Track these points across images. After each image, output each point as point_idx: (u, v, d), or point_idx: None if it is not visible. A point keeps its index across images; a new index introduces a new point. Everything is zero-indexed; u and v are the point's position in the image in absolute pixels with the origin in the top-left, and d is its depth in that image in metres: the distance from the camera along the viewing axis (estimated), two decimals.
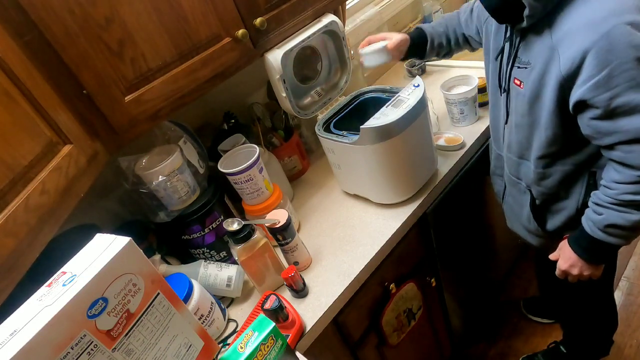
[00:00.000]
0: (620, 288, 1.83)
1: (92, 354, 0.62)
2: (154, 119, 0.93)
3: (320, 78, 1.37)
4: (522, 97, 0.92)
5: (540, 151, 0.96)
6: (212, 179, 1.19)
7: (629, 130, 0.77)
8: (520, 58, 0.91)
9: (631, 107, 0.75)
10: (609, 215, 0.87)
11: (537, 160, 0.98)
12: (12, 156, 0.64)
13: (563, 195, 1.01)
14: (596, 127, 0.81)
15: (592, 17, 0.75)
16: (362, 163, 1.14)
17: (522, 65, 0.90)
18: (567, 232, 1.03)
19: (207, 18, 0.93)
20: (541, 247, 1.14)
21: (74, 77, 0.79)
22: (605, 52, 0.73)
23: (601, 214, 0.88)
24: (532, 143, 0.97)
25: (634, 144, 0.78)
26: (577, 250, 0.97)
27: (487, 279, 1.77)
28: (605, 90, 0.75)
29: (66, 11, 0.75)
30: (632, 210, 0.84)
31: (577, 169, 0.95)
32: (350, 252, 1.12)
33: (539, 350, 1.68)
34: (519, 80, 0.92)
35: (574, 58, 0.76)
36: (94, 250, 0.66)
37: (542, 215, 1.08)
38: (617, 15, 0.73)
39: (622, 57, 0.72)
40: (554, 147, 0.93)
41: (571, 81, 0.79)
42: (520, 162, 1.04)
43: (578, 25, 0.77)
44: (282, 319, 0.93)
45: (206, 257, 1.17)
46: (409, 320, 1.30)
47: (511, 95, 0.98)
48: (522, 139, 0.99)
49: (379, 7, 1.78)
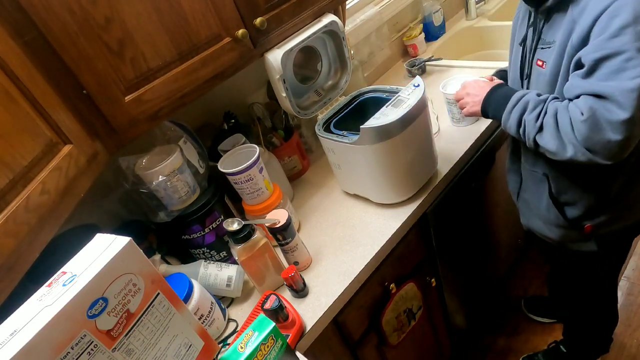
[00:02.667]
0: (620, 288, 1.83)
1: (92, 354, 0.62)
2: (154, 119, 0.93)
3: (320, 78, 1.37)
4: (543, 77, 0.93)
5: None
6: (212, 179, 1.19)
7: (592, 87, 0.78)
8: (544, 39, 0.93)
9: (607, 73, 0.76)
10: (533, 109, 0.89)
11: None
12: (12, 156, 0.64)
13: (579, 186, 1.01)
14: (572, 82, 0.83)
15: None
16: (362, 163, 1.14)
17: (546, 46, 0.92)
18: (588, 222, 1.03)
19: (207, 18, 0.93)
20: (562, 239, 1.13)
21: (74, 77, 0.79)
22: (613, 11, 0.74)
23: (532, 102, 0.90)
24: None
25: (590, 96, 0.79)
26: (489, 94, 1.03)
27: (487, 279, 1.77)
28: (597, 50, 0.77)
29: (66, 11, 0.75)
30: (540, 130, 0.88)
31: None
32: (350, 252, 1.12)
33: (539, 350, 1.68)
34: (541, 61, 0.94)
35: (587, 21, 0.78)
36: (94, 250, 0.66)
37: (560, 204, 1.07)
38: None
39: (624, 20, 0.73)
40: None
41: (582, 45, 0.81)
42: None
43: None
44: (282, 319, 0.93)
45: (206, 257, 1.17)
46: (409, 320, 1.30)
47: (532, 79, 0.99)
48: None
49: (379, 7, 1.79)
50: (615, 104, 0.75)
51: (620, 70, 0.75)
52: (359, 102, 1.28)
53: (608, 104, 0.76)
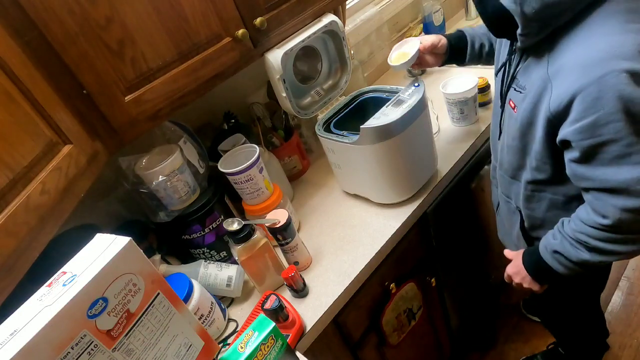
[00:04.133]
0: (620, 288, 1.83)
1: (93, 354, 0.62)
2: (154, 119, 0.93)
3: (320, 78, 1.37)
4: (514, 121, 0.88)
5: (530, 176, 0.93)
6: (212, 179, 1.19)
7: (603, 180, 0.75)
8: (518, 80, 0.86)
9: (610, 158, 0.72)
10: (562, 245, 0.87)
11: (527, 184, 0.95)
12: (12, 156, 0.64)
13: (549, 223, 0.96)
14: (574, 169, 0.79)
15: (588, 58, 0.70)
16: (362, 163, 1.14)
17: (519, 89, 0.85)
18: None
19: (207, 18, 0.93)
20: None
21: (74, 77, 0.79)
22: (594, 100, 0.68)
23: (555, 239, 0.89)
24: (523, 166, 0.94)
25: (605, 193, 0.76)
26: (525, 261, 0.99)
27: (487, 279, 1.77)
28: (588, 137, 0.72)
29: (66, 11, 0.75)
30: (583, 250, 0.84)
31: (568, 201, 0.92)
32: (350, 252, 1.12)
33: (539, 352, 1.68)
34: (513, 104, 0.88)
35: (562, 97, 0.72)
36: (94, 250, 0.66)
37: (531, 237, 1.06)
38: (614, 60, 0.67)
39: (609, 108, 0.68)
40: (543, 174, 0.90)
41: (559, 119, 0.75)
42: (511, 182, 1.01)
43: (573, 63, 0.72)
44: (282, 319, 0.93)
45: (206, 257, 1.17)
46: (409, 320, 1.30)
47: (505, 115, 0.95)
48: (513, 161, 0.95)
49: (379, 7, 1.79)
50: (631, 195, 0.73)
51: (624, 156, 0.71)
52: (359, 102, 1.28)
53: (623, 199, 0.74)
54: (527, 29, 0.74)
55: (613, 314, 1.73)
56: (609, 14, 0.71)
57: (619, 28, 0.70)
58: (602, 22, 0.71)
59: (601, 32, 0.71)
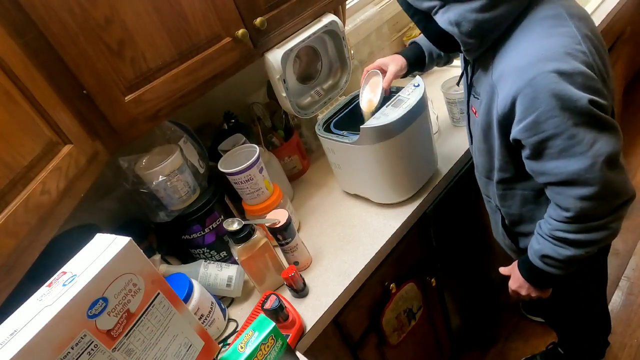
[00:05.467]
0: (620, 288, 1.83)
1: (93, 353, 0.62)
2: (154, 119, 0.93)
3: (320, 78, 1.37)
4: (477, 125, 0.93)
5: (497, 176, 0.97)
6: (212, 179, 1.19)
7: (556, 173, 0.79)
8: (475, 87, 0.92)
9: (557, 151, 0.76)
10: (545, 247, 0.89)
11: (497, 183, 0.99)
12: (12, 156, 0.64)
13: (528, 219, 1.01)
14: (529, 166, 0.84)
15: (521, 62, 0.76)
16: (362, 163, 1.14)
17: (476, 95, 0.91)
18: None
19: (207, 18, 0.93)
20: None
21: (74, 77, 0.79)
22: (531, 100, 0.74)
23: (539, 244, 0.91)
24: (492, 167, 0.98)
25: (562, 186, 0.80)
26: (523, 273, 1.01)
27: (487, 279, 1.77)
28: (533, 134, 0.76)
29: (66, 11, 0.75)
30: (564, 246, 0.86)
31: (537, 194, 0.95)
32: (350, 251, 1.12)
33: (538, 352, 1.68)
34: (474, 109, 0.93)
35: (506, 100, 0.78)
36: (94, 250, 0.66)
37: (513, 234, 1.09)
38: (542, 62, 0.73)
39: (545, 105, 0.73)
40: (509, 173, 0.94)
41: (507, 120, 0.80)
42: (487, 182, 1.05)
43: (510, 68, 0.78)
44: (282, 319, 0.93)
45: (206, 257, 1.17)
46: (409, 320, 1.30)
47: (471, 121, 1.00)
48: (484, 162, 1.00)
49: (379, 7, 1.78)
50: (585, 184, 0.77)
51: (569, 147, 0.75)
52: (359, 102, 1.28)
53: (579, 189, 0.77)
54: (468, 45, 0.82)
55: (613, 314, 1.72)
56: (536, 21, 0.78)
57: (545, 32, 0.77)
58: (531, 29, 0.78)
59: (530, 38, 0.78)
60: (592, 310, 1.36)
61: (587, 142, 0.74)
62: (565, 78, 0.72)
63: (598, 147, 0.74)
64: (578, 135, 0.74)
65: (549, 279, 0.96)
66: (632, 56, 2.30)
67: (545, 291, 1.02)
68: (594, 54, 0.77)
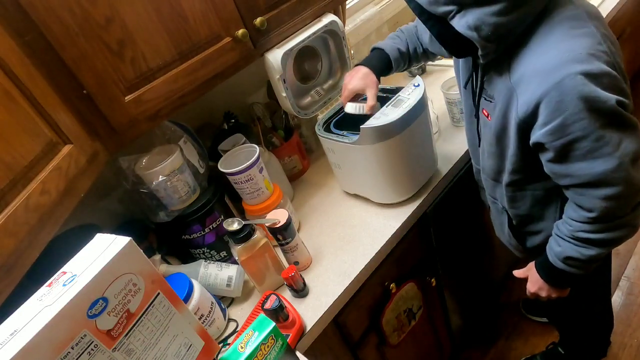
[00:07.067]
0: (620, 288, 1.83)
1: (93, 353, 0.62)
2: (154, 119, 0.93)
3: (320, 78, 1.37)
4: (489, 128, 0.92)
5: (509, 178, 0.97)
6: (212, 179, 1.19)
7: (581, 175, 0.79)
8: (486, 90, 0.90)
9: (583, 153, 0.76)
10: (567, 249, 0.89)
11: (507, 186, 0.99)
12: (12, 156, 0.64)
13: (538, 218, 1.01)
14: (552, 169, 0.83)
15: (545, 65, 0.74)
16: (362, 163, 1.14)
17: (488, 98, 0.90)
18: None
19: (207, 18, 0.93)
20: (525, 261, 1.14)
21: (74, 77, 0.79)
22: (557, 103, 0.73)
23: (560, 246, 0.91)
24: (502, 170, 0.97)
25: (585, 187, 0.80)
26: (542, 275, 1.01)
27: (487, 279, 1.77)
28: (558, 137, 0.76)
29: (66, 11, 0.75)
30: (587, 246, 0.86)
31: (548, 194, 0.96)
32: (350, 251, 1.12)
33: (538, 352, 1.68)
34: (486, 112, 0.92)
35: (528, 104, 0.77)
36: (94, 250, 0.66)
37: (521, 234, 1.09)
38: (568, 64, 0.72)
39: (573, 108, 0.72)
40: (521, 175, 0.94)
41: (528, 124, 0.80)
42: (495, 184, 1.05)
43: (532, 72, 0.77)
44: (282, 319, 0.93)
45: (206, 257, 1.17)
46: (409, 320, 1.30)
47: (480, 123, 0.99)
48: (494, 165, 0.99)
49: (379, 7, 1.78)
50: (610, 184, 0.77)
51: (595, 149, 0.75)
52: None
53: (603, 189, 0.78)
54: (486, 49, 0.80)
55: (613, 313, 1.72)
56: (555, 23, 0.77)
57: (566, 34, 0.76)
58: (550, 32, 0.77)
59: (551, 40, 0.76)
60: (597, 307, 1.36)
61: (615, 143, 0.74)
62: (592, 80, 0.71)
63: (624, 147, 0.74)
64: (605, 137, 0.74)
65: (570, 279, 0.96)
66: (632, 56, 2.30)
67: (565, 291, 1.03)
68: (615, 53, 0.77)
